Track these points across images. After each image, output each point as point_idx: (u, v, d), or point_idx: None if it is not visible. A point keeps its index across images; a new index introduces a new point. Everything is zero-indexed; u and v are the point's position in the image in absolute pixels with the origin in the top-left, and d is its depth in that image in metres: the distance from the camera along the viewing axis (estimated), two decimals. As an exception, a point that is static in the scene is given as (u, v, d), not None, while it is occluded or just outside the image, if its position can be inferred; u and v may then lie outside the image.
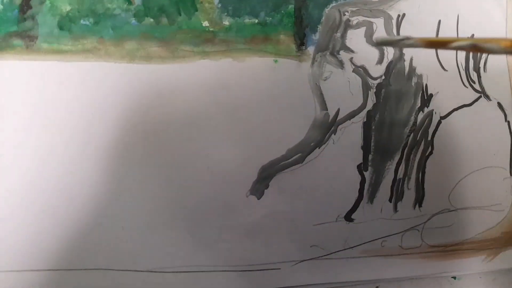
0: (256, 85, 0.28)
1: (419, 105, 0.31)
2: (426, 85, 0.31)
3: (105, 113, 0.27)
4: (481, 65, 0.33)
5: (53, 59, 0.26)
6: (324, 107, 0.29)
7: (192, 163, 0.28)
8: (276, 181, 0.29)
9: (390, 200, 0.31)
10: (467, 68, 0.32)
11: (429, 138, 0.31)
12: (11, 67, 0.26)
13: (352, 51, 0.30)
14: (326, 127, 0.29)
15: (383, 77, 0.30)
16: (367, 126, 0.30)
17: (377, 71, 0.30)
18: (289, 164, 0.29)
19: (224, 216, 0.28)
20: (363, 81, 0.30)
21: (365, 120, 0.30)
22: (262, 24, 0.28)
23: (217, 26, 0.28)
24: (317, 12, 0.29)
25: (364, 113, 0.30)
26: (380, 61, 0.30)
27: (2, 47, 0.25)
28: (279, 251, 0.29)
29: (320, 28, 0.29)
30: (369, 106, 0.30)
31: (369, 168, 0.30)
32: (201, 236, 0.28)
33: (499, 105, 0.33)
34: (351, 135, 0.30)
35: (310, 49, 0.29)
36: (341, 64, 0.30)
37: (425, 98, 0.31)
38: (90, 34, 0.26)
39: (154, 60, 0.27)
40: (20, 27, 0.26)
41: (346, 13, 0.30)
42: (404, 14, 0.31)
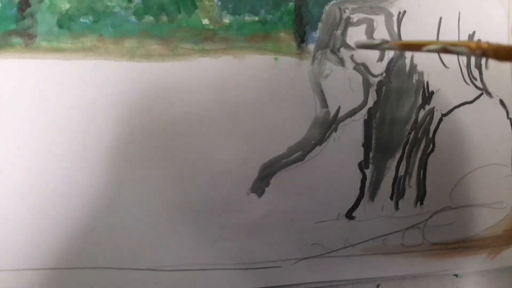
0: (256, 83, 0.28)
1: (420, 102, 0.31)
2: (427, 82, 0.31)
3: (105, 112, 0.27)
4: (483, 62, 0.32)
5: (53, 57, 0.26)
6: (324, 104, 0.29)
7: (192, 161, 0.28)
8: (277, 179, 0.29)
9: (391, 198, 0.31)
10: (468, 65, 0.32)
11: (430, 135, 0.31)
12: (10, 65, 0.25)
13: (353, 49, 0.29)
14: (327, 125, 0.29)
15: (384, 75, 0.30)
16: (368, 124, 0.30)
17: (378, 68, 0.30)
18: (289, 162, 0.29)
19: (224, 214, 0.28)
20: (363, 78, 0.30)
21: (366, 117, 0.30)
22: (262, 22, 0.28)
23: (217, 24, 0.27)
24: (318, 10, 0.29)
25: (365, 111, 0.30)
26: (381, 59, 0.30)
27: (1, 46, 0.25)
28: (280, 249, 0.29)
29: (320, 26, 0.29)
30: (370, 103, 0.30)
31: (370, 165, 0.30)
32: (202, 234, 0.28)
33: (501, 102, 0.32)
34: (352, 133, 0.30)
35: (311, 47, 0.29)
36: (342, 62, 0.29)
37: (426, 95, 0.31)
38: (89, 32, 0.26)
39: (154, 58, 0.27)
40: (19, 26, 0.25)
41: (347, 11, 0.29)
42: (404, 12, 0.30)
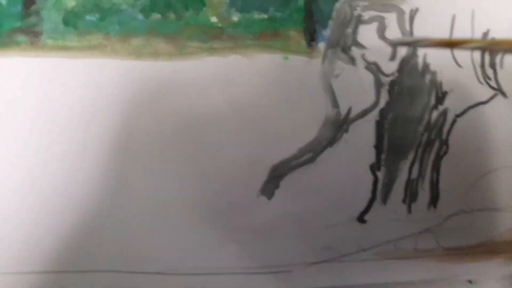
0: (266, 83, 0.28)
1: (433, 102, 0.30)
2: (440, 82, 0.30)
3: (112, 111, 0.26)
4: (497, 61, 0.32)
5: (58, 55, 0.26)
6: (335, 105, 0.29)
7: (200, 162, 0.28)
8: (287, 181, 0.28)
9: (403, 201, 0.30)
10: (482, 65, 0.31)
11: (444, 137, 0.30)
12: (16, 64, 0.25)
13: (364, 47, 0.29)
14: (338, 126, 0.29)
15: (396, 74, 0.29)
16: (380, 125, 0.29)
17: (390, 67, 0.29)
18: (300, 164, 0.28)
19: (233, 217, 0.28)
20: (375, 78, 0.29)
21: (377, 118, 0.29)
22: (272, 20, 0.28)
23: (225, 21, 0.27)
24: (328, 7, 0.28)
25: (376, 111, 0.29)
26: (393, 58, 0.29)
27: (6, 44, 0.25)
28: (290, 253, 0.29)
29: (331, 24, 0.29)
30: (382, 104, 0.29)
31: (382, 168, 0.30)
32: (210, 238, 0.28)
33: (517, 102, 0.32)
34: (363, 134, 0.29)
35: (321, 45, 0.28)
36: (353, 61, 0.29)
37: (440, 95, 0.30)
38: (96, 30, 0.26)
39: (161, 56, 0.27)
40: (24, 23, 0.25)
41: (358, 8, 0.29)
42: (417, 9, 0.30)
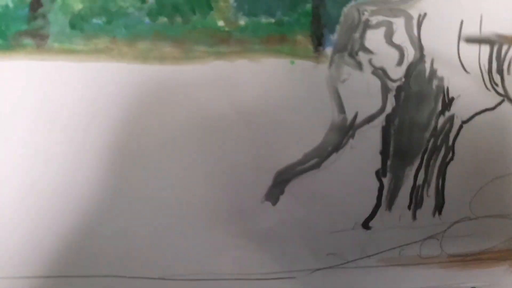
0: (272, 87, 0.28)
1: (440, 108, 0.30)
2: (447, 88, 0.30)
3: (117, 115, 0.26)
4: (505, 66, 0.31)
5: (65, 59, 0.26)
6: (342, 110, 0.28)
7: (205, 167, 0.27)
8: (292, 187, 0.28)
9: (409, 208, 0.30)
10: (490, 70, 0.31)
11: (450, 143, 0.30)
12: (22, 67, 0.25)
13: (371, 52, 0.29)
14: (344, 131, 0.29)
15: (403, 79, 0.29)
16: (386, 130, 0.29)
17: (397, 73, 0.29)
18: (305, 169, 0.28)
19: (237, 222, 0.28)
20: (382, 83, 0.29)
21: (384, 124, 0.29)
22: (279, 24, 0.27)
23: (232, 25, 0.27)
24: (336, 12, 0.28)
25: (383, 117, 0.29)
26: (400, 63, 0.29)
27: (13, 47, 0.25)
28: (295, 259, 0.29)
29: (338, 28, 0.28)
30: (389, 109, 0.29)
31: (388, 174, 0.29)
32: (214, 243, 0.28)
33: (524, 109, 0.31)
34: (369, 140, 0.29)
35: (328, 50, 0.28)
36: (360, 66, 0.29)
37: (446, 101, 0.30)
38: (102, 33, 0.26)
39: (168, 60, 0.26)
40: (30, 26, 0.25)
41: (365, 13, 0.29)
42: (425, 14, 0.29)
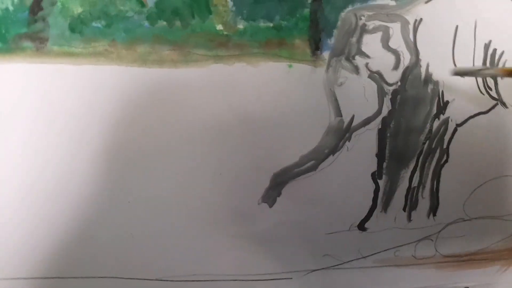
0: (270, 90, 0.28)
1: (435, 112, 0.30)
2: (442, 91, 0.30)
3: (116, 118, 0.26)
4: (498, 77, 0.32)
5: (64, 62, 0.26)
6: (338, 113, 0.29)
7: (203, 169, 0.28)
8: (289, 189, 0.28)
9: (404, 209, 0.30)
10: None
11: (445, 146, 0.31)
12: (21, 69, 0.25)
13: (368, 56, 0.29)
14: (341, 134, 0.29)
15: (399, 83, 0.30)
16: (382, 133, 0.29)
17: (393, 77, 0.29)
18: (302, 172, 0.28)
19: (235, 223, 0.28)
20: (378, 87, 0.29)
21: (380, 127, 0.29)
22: (277, 28, 0.28)
23: (231, 29, 0.27)
24: (333, 16, 0.28)
25: (379, 120, 0.29)
26: (396, 67, 0.30)
27: (12, 49, 0.25)
28: (291, 260, 0.29)
29: (335, 33, 0.29)
30: (385, 112, 0.29)
31: (384, 176, 0.30)
32: (211, 244, 0.28)
33: (517, 113, 0.32)
34: (365, 142, 0.29)
35: (325, 54, 0.28)
36: (357, 70, 0.29)
37: (441, 105, 0.30)
38: (101, 36, 0.26)
39: (167, 64, 0.27)
40: (30, 29, 0.25)
41: (362, 18, 0.29)
42: (421, 19, 0.30)
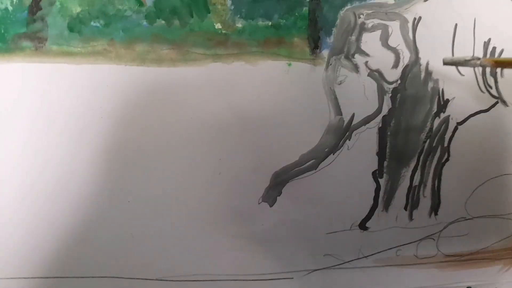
0: (269, 89, 0.28)
1: (435, 110, 0.30)
2: (442, 90, 0.30)
3: (115, 117, 0.26)
4: (498, 69, 0.32)
5: (63, 61, 0.26)
6: (338, 112, 0.29)
7: (203, 168, 0.27)
8: (289, 188, 0.28)
9: (405, 208, 0.30)
10: (483, 73, 0.31)
11: (446, 144, 0.30)
12: (20, 69, 0.25)
13: (367, 55, 0.29)
14: (341, 133, 0.29)
15: (399, 82, 0.29)
16: (382, 132, 0.29)
17: (393, 75, 0.29)
18: (302, 171, 0.28)
19: (235, 223, 0.28)
20: (378, 85, 0.29)
21: (380, 125, 0.29)
22: (276, 27, 0.28)
23: (229, 28, 0.27)
24: (332, 15, 0.28)
25: (379, 118, 0.29)
26: (395, 65, 0.29)
27: (11, 49, 0.25)
28: (292, 260, 0.29)
29: (334, 31, 0.29)
30: (385, 111, 0.29)
31: (385, 175, 0.30)
32: (212, 244, 0.28)
33: (517, 111, 0.32)
34: (366, 141, 0.29)
35: (325, 53, 0.28)
36: (356, 68, 0.29)
37: (441, 103, 0.30)
38: (100, 36, 0.26)
39: (165, 63, 0.27)
40: (29, 29, 0.25)
41: (361, 16, 0.29)
42: (420, 18, 0.30)
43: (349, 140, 0.29)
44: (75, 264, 0.26)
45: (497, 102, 0.31)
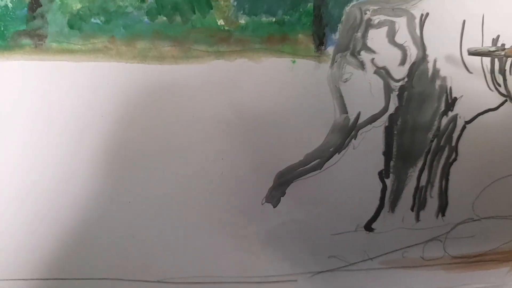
0: (273, 87, 0.27)
1: (443, 108, 0.30)
2: (450, 88, 0.30)
3: (116, 115, 0.26)
4: (507, 67, 0.31)
5: (63, 59, 0.26)
6: (344, 110, 0.28)
7: (205, 168, 0.27)
8: (293, 188, 0.28)
9: (412, 209, 0.30)
10: (492, 71, 0.31)
11: (453, 143, 0.30)
12: (20, 67, 0.25)
13: (374, 52, 0.29)
14: (346, 132, 0.28)
15: (406, 79, 0.29)
16: (389, 131, 0.29)
17: (400, 72, 0.29)
18: (307, 171, 0.28)
19: (238, 224, 0.28)
20: (385, 83, 0.29)
21: (387, 124, 0.29)
22: (280, 23, 0.27)
23: (232, 24, 0.27)
24: (337, 11, 0.28)
25: (386, 117, 0.29)
26: (402, 62, 0.29)
27: (11, 47, 0.25)
28: (296, 262, 0.29)
29: (340, 28, 0.28)
30: (391, 109, 0.29)
31: (391, 175, 0.29)
32: (214, 245, 0.28)
33: (527, 109, 0.31)
34: (372, 140, 0.29)
35: (330, 49, 0.28)
36: (362, 65, 0.29)
37: (449, 101, 0.30)
38: (101, 33, 0.26)
39: (167, 60, 0.26)
40: (29, 26, 0.25)
41: (367, 12, 0.28)
42: (427, 14, 0.29)
43: (355, 139, 0.29)
44: (75, 266, 0.26)
45: (506, 100, 0.31)
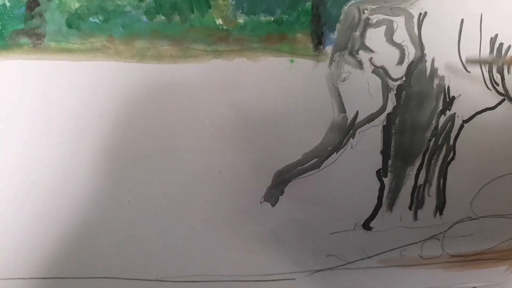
0: (271, 86, 0.27)
1: (440, 108, 0.30)
2: (448, 87, 0.30)
3: (114, 115, 0.26)
4: (505, 66, 0.31)
5: (61, 58, 0.25)
6: (342, 109, 0.28)
7: (204, 167, 0.27)
8: (291, 187, 0.28)
9: (410, 208, 0.30)
10: (490, 70, 0.31)
11: (451, 142, 0.30)
12: (18, 66, 0.25)
13: (372, 51, 0.29)
14: (344, 131, 0.28)
15: (404, 78, 0.29)
16: (387, 130, 0.29)
17: (398, 72, 0.29)
18: (305, 170, 0.28)
19: (236, 223, 0.28)
20: (383, 82, 0.29)
21: (385, 123, 0.29)
22: (278, 22, 0.27)
23: (231, 24, 0.27)
24: (336, 10, 0.28)
25: (384, 116, 0.29)
26: (400, 62, 0.29)
27: (9, 46, 0.25)
28: (294, 260, 0.29)
29: (338, 27, 0.28)
30: (389, 108, 0.29)
31: (389, 174, 0.29)
32: (212, 244, 0.28)
33: (525, 108, 0.31)
34: (370, 139, 0.29)
35: (328, 49, 0.28)
36: (360, 65, 0.29)
37: (447, 100, 0.30)
38: (99, 32, 0.26)
39: (165, 59, 0.26)
40: (27, 25, 0.25)
41: (366, 11, 0.28)
42: (426, 13, 0.29)
43: (353, 138, 0.29)
44: (74, 265, 0.26)
45: (504, 100, 0.31)
